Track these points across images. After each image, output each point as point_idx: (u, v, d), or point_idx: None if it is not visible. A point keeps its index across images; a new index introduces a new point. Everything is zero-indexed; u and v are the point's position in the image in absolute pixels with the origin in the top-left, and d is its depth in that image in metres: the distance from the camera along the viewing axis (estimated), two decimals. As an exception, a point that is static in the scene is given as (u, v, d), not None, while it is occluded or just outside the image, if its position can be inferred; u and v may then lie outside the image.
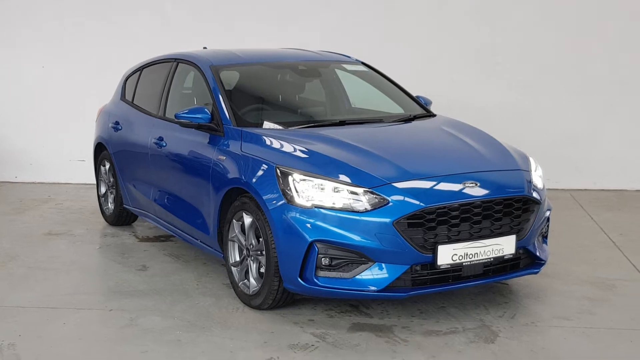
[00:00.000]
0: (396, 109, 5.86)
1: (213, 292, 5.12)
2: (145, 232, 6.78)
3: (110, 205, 6.97)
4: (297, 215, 4.33)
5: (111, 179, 6.87)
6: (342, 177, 4.37)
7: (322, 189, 4.34)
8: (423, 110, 5.86)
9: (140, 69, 6.77)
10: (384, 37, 8.69)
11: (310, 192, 4.35)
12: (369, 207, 4.26)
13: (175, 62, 6.14)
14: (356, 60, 6.36)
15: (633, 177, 8.64)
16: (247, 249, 4.76)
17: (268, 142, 4.84)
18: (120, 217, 6.88)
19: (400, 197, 4.27)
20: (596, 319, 4.58)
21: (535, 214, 4.68)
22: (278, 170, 4.48)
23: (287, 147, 4.74)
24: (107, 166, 6.92)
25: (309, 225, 4.29)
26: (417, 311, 4.69)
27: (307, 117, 5.67)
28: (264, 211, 4.49)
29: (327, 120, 5.51)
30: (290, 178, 4.41)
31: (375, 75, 6.20)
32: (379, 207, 4.25)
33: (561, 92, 8.63)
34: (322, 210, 4.29)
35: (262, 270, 4.65)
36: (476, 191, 4.43)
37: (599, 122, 8.65)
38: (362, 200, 4.28)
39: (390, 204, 4.25)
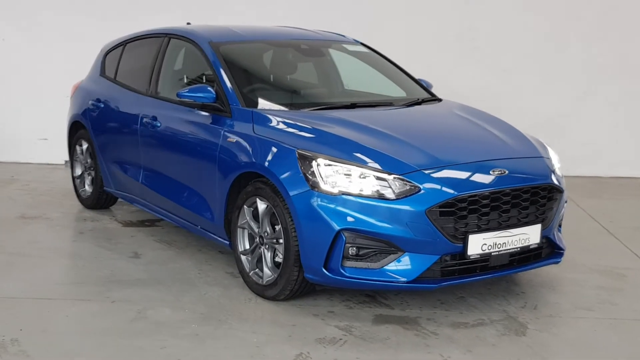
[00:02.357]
0: (398, 92, 5.67)
1: (218, 281, 4.85)
2: (126, 216, 6.43)
3: (88, 188, 6.56)
4: (323, 202, 4.10)
5: (89, 160, 6.48)
6: (371, 163, 4.15)
7: (348, 174, 4.12)
8: (427, 93, 5.68)
9: (122, 44, 6.38)
10: (360, 18, 8.46)
11: (336, 177, 4.12)
12: (398, 195, 4.06)
13: (166, 37, 5.77)
14: (354, 40, 6.13)
15: (607, 164, 8.71)
16: (261, 236, 4.50)
17: (284, 124, 4.58)
18: (99, 200, 6.49)
19: (432, 185, 4.09)
20: (619, 310, 4.52)
21: (558, 202, 4.58)
22: (299, 154, 4.24)
23: (306, 130, 4.49)
24: (85, 146, 6.51)
25: (335, 213, 4.07)
26: (437, 302, 4.54)
27: (310, 99, 5.43)
28: (284, 197, 4.25)
29: (337, 102, 5.26)
30: (314, 163, 4.17)
31: (376, 57, 5.98)
32: (410, 195, 4.06)
33: (536, 78, 8.61)
34: (349, 197, 4.08)
35: (278, 259, 4.42)
36: (505, 179, 4.29)
37: (574, 108, 8.67)
38: (391, 187, 4.08)
39: (422, 191, 4.07)
